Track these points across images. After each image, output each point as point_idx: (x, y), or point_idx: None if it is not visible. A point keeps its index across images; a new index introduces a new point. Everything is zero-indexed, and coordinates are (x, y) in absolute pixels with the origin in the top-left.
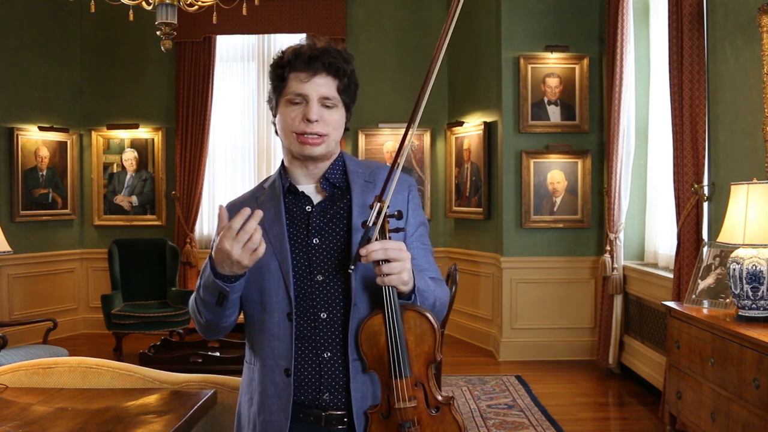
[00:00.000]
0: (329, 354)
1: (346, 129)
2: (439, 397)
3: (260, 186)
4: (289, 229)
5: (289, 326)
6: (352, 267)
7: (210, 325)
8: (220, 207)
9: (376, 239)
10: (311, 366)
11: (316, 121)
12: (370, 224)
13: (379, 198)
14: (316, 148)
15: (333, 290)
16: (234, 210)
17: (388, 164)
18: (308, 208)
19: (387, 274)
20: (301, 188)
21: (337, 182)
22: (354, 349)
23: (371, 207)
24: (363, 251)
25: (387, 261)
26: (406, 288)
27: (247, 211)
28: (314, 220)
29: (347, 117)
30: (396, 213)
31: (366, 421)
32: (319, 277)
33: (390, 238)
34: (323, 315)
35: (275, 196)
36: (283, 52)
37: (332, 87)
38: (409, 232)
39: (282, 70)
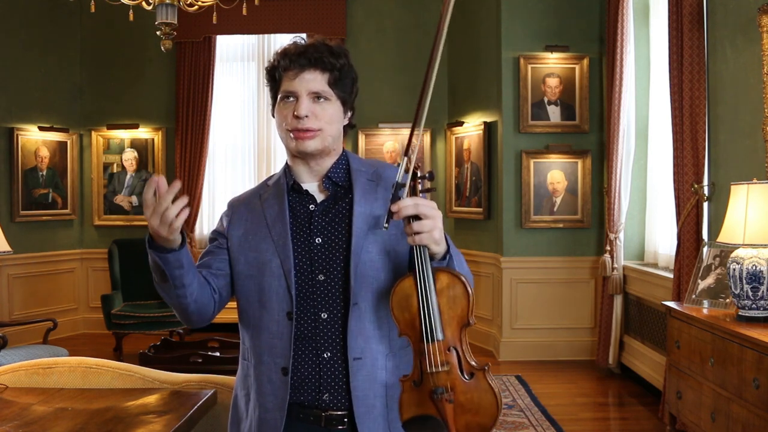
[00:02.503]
0: (329, 354)
1: (352, 126)
2: (474, 363)
3: (264, 183)
4: (292, 228)
5: (289, 325)
6: (386, 225)
7: (175, 308)
8: (151, 178)
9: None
10: (311, 366)
11: (306, 116)
12: (399, 179)
13: (405, 152)
14: (309, 142)
15: (334, 290)
16: (236, 206)
17: (392, 163)
18: (311, 206)
19: (418, 232)
20: (305, 186)
21: (340, 181)
22: (354, 348)
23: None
24: (394, 207)
25: (418, 219)
26: (438, 248)
27: (157, 181)
28: (316, 219)
29: (347, 111)
30: (428, 174)
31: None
32: (321, 277)
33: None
34: (324, 315)
35: (279, 194)
36: (274, 55)
37: (322, 81)
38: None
39: (274, 72)
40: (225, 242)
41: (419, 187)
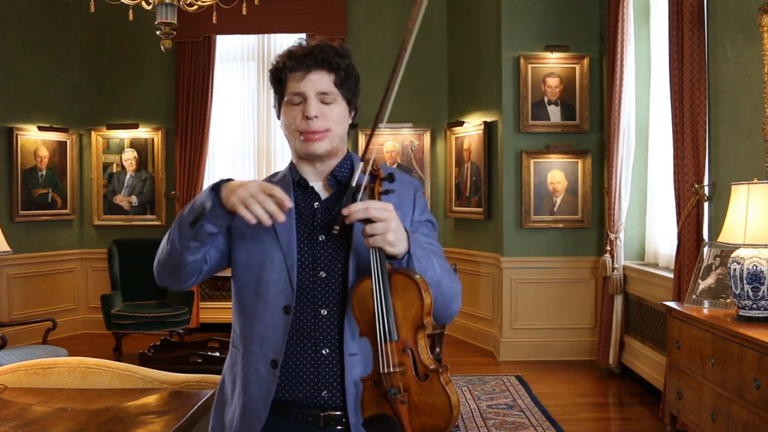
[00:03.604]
0: (327, 350)
1: (354, 125)
2: (431, 366)
3: (269, 178)
4: (297, 223)
5: (285, 319)
6: (337, 228)
7: (170, 259)
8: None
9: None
10: (310, 363)
11: (316, 117)
12: (353, 183)
13: (362, 156)
14: (318, 144)
15: (334, 287)
16: None
17: (394, 166)
18: (316, 204)
19: (371, 235)
20: (311, 184)
21: (344, 180)
22: (350, 345)
23: (363, 171)
24: (345, 211)
25: (371, 222)
26: (394, 250)
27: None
28: (320, 216)
29: (351, 111)
30: (387, 175)
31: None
32: (322, 274)
33: (381, 200)
34: (324, 311)
35: (285, 189)
36: (278, 57)
37: (329, 82)
38: (413, 227)
39: (279, 73)
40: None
41: (379, 189)
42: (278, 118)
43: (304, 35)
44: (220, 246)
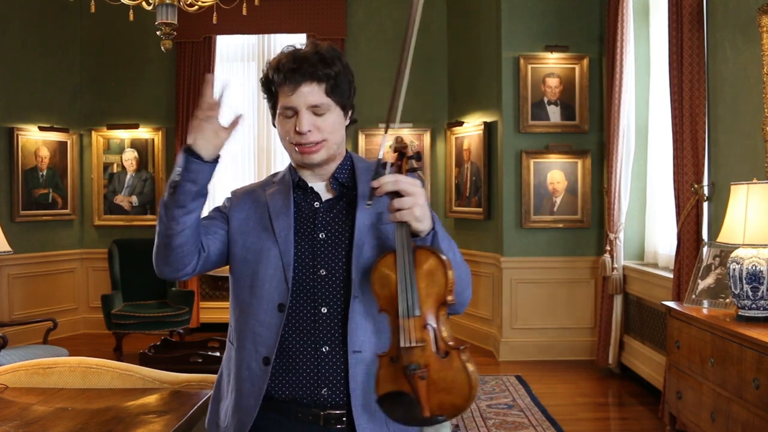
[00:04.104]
0: (328, 348)
1: (354, 121)
2: (451, 342)
3: (269, 179)
4: (296, 223)
5: (279, 317)
6: (369, 202)
7: (160, 234)
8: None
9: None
10: (309, 360)
11: (309, 131)
12: (380, 157)
13: (385, 129)
14: (315, 155)
15: (335, 284)
16: (240, 194)
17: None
18: (316, 204)
19: (398, 209)
20: (310, 184)
21: (346, 181)
22: (354, 342)
23: (395, 149)
24: (375, 183)
25: (399, 196)
26: (420, 226)
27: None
28: (321, 215)
29: (347, 112)
30: (415, 154)
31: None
32: (323, 272)
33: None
34: (324, 309)
35: (284, 189)
36: (268, 66)
37: (320, 93)
38: None
39: (269, 84)
40: (225, 218)
41: (406, 166)
42: (273, 126)
43: (304, 35)
44: (219, 234)
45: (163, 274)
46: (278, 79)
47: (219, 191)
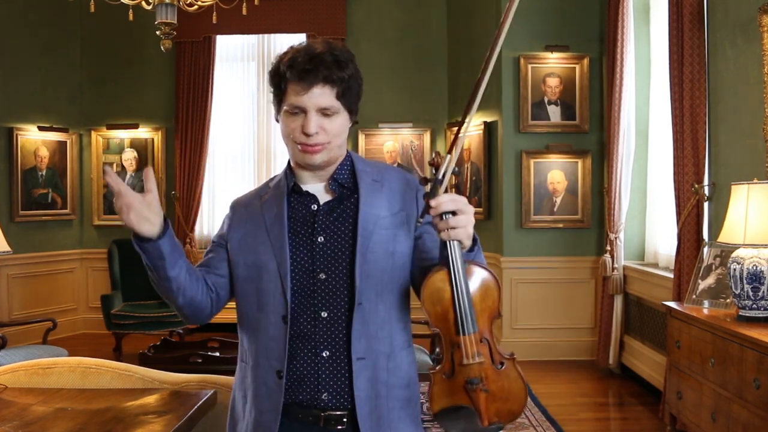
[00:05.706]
0: (328, 353)
1: (355, 122)
2: (504, 353)
3: (266, 184)
4: (293, 228)
5: (284, 328)
6: (421, 219)
7: (169, 303)
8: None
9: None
10: (308, 365)
11: (316, 133)
12: (440, 177)
13: (449, 151)
14: (316, 156)
15: (336, 289)
16: (237, 208)
17: (395, 165)
18: (314, 206)
19: (454, 228)
20: (306, 188)
21: (345, 182)
22: (358, 348)
23: (432, 163)
24: (433, 202)
25: (454, 214)
26: (469, 242)
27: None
28: (320, 218)
29: (352, 116)
30: (456, 169)
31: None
32: (322, 276)
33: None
34: (324, 314)
35: (279, 196)
36: (280, 59)
37: (330, 96)
38: (421, 228)
39: (279, 79)
40: (225, 247)
41: (452, 182)
42: (276, 120)
43: (304, 35)
44: (223, 270)
45: (189, 323)
46: (290, 76)
47: (221, 191)
